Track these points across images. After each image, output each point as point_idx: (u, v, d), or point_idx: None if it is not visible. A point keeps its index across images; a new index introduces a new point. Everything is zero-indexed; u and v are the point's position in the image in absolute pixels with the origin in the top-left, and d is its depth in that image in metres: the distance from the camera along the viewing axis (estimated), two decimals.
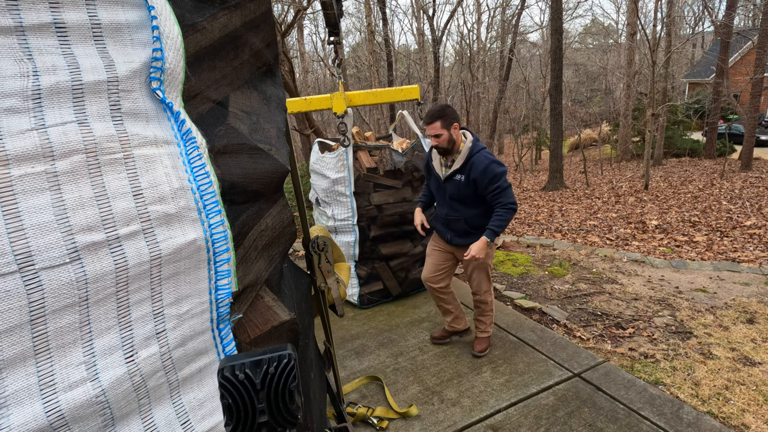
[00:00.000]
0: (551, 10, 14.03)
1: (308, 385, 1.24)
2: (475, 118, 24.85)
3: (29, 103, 0.65)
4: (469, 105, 20.34)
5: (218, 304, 0.88)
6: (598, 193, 12.49)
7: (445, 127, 2.45)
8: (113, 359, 0.73)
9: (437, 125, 2.44)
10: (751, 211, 7.87)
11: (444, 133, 2.45)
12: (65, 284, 0.67)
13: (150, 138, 0.78)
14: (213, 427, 0.90)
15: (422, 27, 21.82)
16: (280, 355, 0.62)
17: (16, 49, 0.66)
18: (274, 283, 1.07)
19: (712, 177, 12.37)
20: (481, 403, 2.50)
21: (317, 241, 1.49)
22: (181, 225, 0.80)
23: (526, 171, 20.91)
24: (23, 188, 0.64)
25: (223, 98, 0.94)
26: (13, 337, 0.64)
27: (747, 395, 2.47)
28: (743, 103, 16.45)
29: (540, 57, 27.55)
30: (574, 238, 7.40)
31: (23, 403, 0.65)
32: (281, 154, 1.03)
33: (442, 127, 2.44)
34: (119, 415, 0.75)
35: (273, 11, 1.09)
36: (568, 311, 3.65)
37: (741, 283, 4.06)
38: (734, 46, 20.00)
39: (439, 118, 2.44)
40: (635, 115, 18.69)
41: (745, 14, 27.79)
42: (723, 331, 3.18)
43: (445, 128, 2.45)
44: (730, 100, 14.28)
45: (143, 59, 0.78)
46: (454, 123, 2.46)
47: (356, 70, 29.01)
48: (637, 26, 16.15)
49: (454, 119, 2.47)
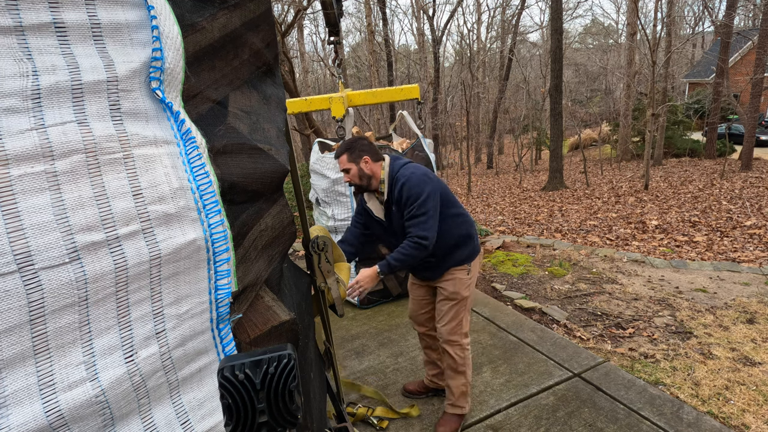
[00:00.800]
0: (551, 10, 14.04)
1: (308, 385, 1.24)
2: (475, 118, 24.85)
3: (29, 102, 0.65)
4: (469, 105, 20.35)
5: (218, 303, 0.88)
6: (598, 193, 12.49)
7: (352, 161, 2.17)
8: (113, 359, 0.73)
9: (344, 159, 2.19)
10: (751, 211, 7.86)
11: (352, 168, 2.17)
12: (65, 284, 0.67)
13: (150, 138, 0.78)
14: (213, 426, 0.90)
15: (422, 27, 21.82)
16: (280, 355, 0.62)
17: (15, 48, 0.66)
18: (274, 283, 1.07)
19: (712, 177, 12.36)
20: (481, 403, 2.50)
21: (317, 241, 1.49)
22: (181, 225, 0.80)
23: (526, 171, 20.91)
24: (23, 188, 0.64)
25: (222, 98, 0.94)
26: (13, 337, 0.64)
27: (747, 395, 2.47)
28: (743, 103, 16.45)
29: (540, 57, 27.56)
30: (574, 238, 7.40)
31: (23, 403, 0.65)
32: (281, 154, 1.03)
33: (348, 161, 2.18)
34: (119, 415, 0.75)
35: (273, 11, 1.09)
36: (568, 311, 3.65)
37: (741, 283, 4.06)
38: (734, 46, 20.00)
39: (345, 152, 2.18)
40: (635, 115, 18.69)
41: (745, 14, 27.78)
42: (723, 331, 3.18)
43: (352, 162, 2.17)
44: (730, 100, 14.28)
45: (143, 59, 0.77)
46: (363, 156, 2.17)
47: (356, 70, 29.02)
48: (637, 26, 16.15)
49: (363, 152, 2.18)
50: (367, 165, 2.19)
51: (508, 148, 30.56)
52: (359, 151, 2.18)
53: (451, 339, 2.25)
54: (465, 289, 2.23)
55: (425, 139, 3.88)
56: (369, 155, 2.19)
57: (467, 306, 2.26)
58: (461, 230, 2.23)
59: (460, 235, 2.21)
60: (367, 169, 2.19)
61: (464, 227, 2.24)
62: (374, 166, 2.20)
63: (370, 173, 2.19)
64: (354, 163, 2.18)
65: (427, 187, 2.09)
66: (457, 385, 2.30)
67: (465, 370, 2.28)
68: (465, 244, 2.23)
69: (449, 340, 2.25)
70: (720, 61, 14.70)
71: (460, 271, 2.22)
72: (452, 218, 2.21)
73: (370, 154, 2.19)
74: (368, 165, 2.19)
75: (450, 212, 2.20)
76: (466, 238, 2.24)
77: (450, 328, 2.24)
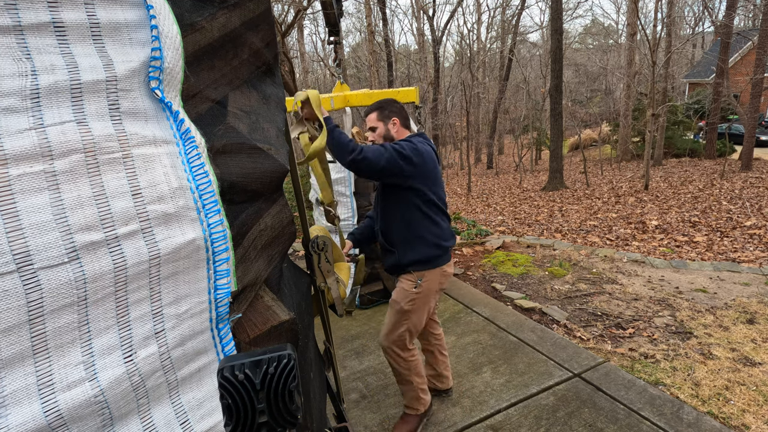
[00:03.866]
0: (551, 10, 14.04)
1: (308, 385, 1.23)
2: (475, 118, 24.85)
3: (28, 102, 0.65)
4: (469, 105, 20.34)
5: (217, 303, 0.88)
6: (598, 193, 12.48)
7: (381, 119, 2.10)
8: (112, 359, 0.73)
9: (373, 117, 2.12)
10: (751, 211, 7.86)
11: (380, 127, 2.10)
12: (64, 284, 0.67)
13: (149, 137, 0.77)
14: (212, 426, 0.90)
15: (422, 27, 21.82)
16: (280, 355, 0.61)
17: (14, 48, 0.66)
18: (274, 282, 1.07)
19: (712, 177, 12.36)
20: (482, 404, 2.50)
21: (317, 241, 1.49)
22: (180, 224, 0.80)
23: (526, 171, 20.91)
24: (22, 188, 0.64)
25: (222, 98, 0.94)
26: (12, 337, 0.64)
27: (747, 395, 2.47)
28: (743, 103, 16.45)
29: (540, 57, 27.56)
30: (574, 238, 7.40)
31: (21, 403, 0.65)
32: (281, 153, 1.03)
33: (378, 119, 2.10)
34: (118, 415, 0.75)
35: (273, 11, 1.09)
36: (568, 311, 3.65)
37: (741, 283, 4.05)
38: (734, 46, 19.99)
39: (376, 110, 2.11)
40: (635, 115, 18.69)
41: (745, 14, 27.78)
42: (723, 332, 3.17)
43: (380, 121, 2.10)
44: (730, 100, 14.27)
45: (142, 58, 0.77)
46: (393, 118, 2.12)
47: (356, 70, 29.02)
48: (637, 26, 16.15)
49: (393, 113, 2.13)
50: (395, 127, 2.13)
51: (508, 148, 30.56)
52: (389, 112, 2.13)
53: (385, 345, 2.17)
54: (407, 303, 2.08)
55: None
56: (399, 118, 2.13)
57: (410, 321, 2.12)
58: (430, 235, 2.07)
59: (425, 239, 2.06)
60: (394, 131, 2.13)
61: (435, 236, 2.08)
62: (401, 131, 2.14)
63: (395, 136, 2.12)
64: (382, 123, 2.11)
65: (414, 153, 1.94)
66: (405, 390, 2.27)
67: (410, 378, 2.21)
68: (425, 247, 2.06)
69: (384, 346, 2.18)
70: (720, 61, 14.70)
71: (406, 281, 2.10)
72: (428, 219, 2.07)
73: (400, 118, 2.14)
74: (396, 128, 2.13)
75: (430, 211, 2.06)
76: (432, 246, 2.08)
77: (385, 333, 2.16)
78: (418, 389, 2.25)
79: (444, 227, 2.13)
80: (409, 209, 2.04)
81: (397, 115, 2.12)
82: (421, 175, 1.99)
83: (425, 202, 2.04)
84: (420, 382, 2.25)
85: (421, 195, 2.02)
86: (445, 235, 2.13)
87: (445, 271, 2.16)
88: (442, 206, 2.11)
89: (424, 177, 2.01)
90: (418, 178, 1.99)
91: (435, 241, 2.08)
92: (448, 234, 2.15)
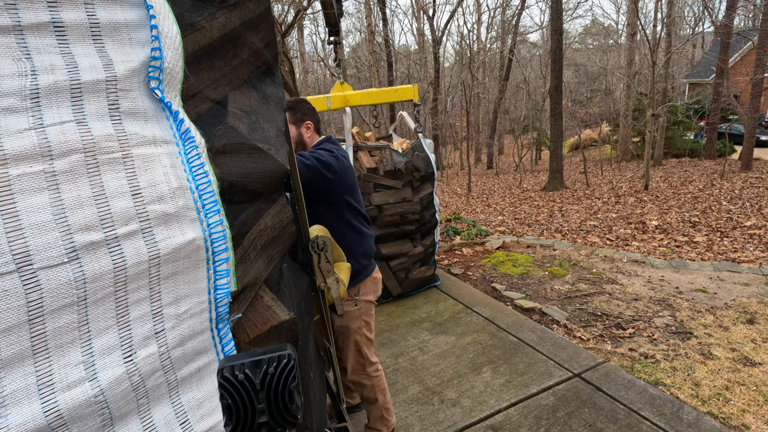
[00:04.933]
0: (551, 10, 14.03)
1: (308, 385, 1.23)
2: (475, 118, 24.85)
3: (27, 102, 0.65)
4: (469, 105, 20.34)
5: (217, 303, 0.88)
6: (598, 193, 12.48)
7: (293, 122, 1.88)
8: (112, 359, 0.73)
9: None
10: (751, 211, 7.86)
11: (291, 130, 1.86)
12: (63, 284, 0.67)
13: (149, 137, 0.77)
14: (212, 426, 0.89)
15: (422, 27, 21.82)
16: (280, 355, 0.61)
17: (14, 48, 0.66)
18: (274, 282, 1.07)
19: (712, 177, 12.36)
20: (481, 404, 2.50)
21: (317, 241, 1.49)
22: (180, 224, 0.80)
23: (526, 171, 20.91)
24: (21, 188, 0.64)
25: (222, 98, 0.94)
26: (12, 337, 0.64)
27: (747, 395, 2.47)
28: (743, 103, 16.45)
29: (540, 57, 27.56)
30: (574, 238, 7.40)
31: (21, 403, 0.65)
32: (280, 153, 1.03)
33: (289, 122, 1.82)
34: (118, 415, 0.75)
35: (272, 11, 1.09)
36: (568, 311, 3.65)
37: (741, 283, 4.05)
38: (734, 47, 20.00)
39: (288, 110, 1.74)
40: (635, 115, 18.69)
41: (745, 14, 27.78)
42: (723, 332, 3.17)
43: (292, 124, 1.87)
44: (730, 100, 14.27)
45: (142, 58, 0.77)
46: (306, 121, 1.91)
47: (356, 70, 29.03)
48: (637, 26, 16.15)
49: (307, 116, 1.92)
50: (308, 132, 1.93)
51: (508, 148, 30.56)
52: (302, 114, 1.91)
53: (354, 380, 2.05)
54: (353, 321, 1.96)
55: (425, 139, 3.88)
56: (312, 122, 1.93)
57: (363, 337, 2.00)
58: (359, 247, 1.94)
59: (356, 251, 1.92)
60: (307, 136, 1.92)
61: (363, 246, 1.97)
62: (314, 137, 1.95)
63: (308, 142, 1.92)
64: (294, 126, 1.90)
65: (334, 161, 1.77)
66: (370, 410, 2.14)
67: (374, 395, 2.09)
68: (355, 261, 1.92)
69: (353, 381, 2.05)
70: (720, 61, 14.70)
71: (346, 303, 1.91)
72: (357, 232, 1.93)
73: (313, 121, 1.94)
74: (309, 132, 1.93)
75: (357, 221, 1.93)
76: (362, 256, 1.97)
77: (350, 370, 2.02)
78: (382, 408, 2.12)
79: (369, 235, 2.01)
80: (339, 224, 1.87)
81: (311, 118, 1.93)
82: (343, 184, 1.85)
83: (352, 213, 1.91)
84: (384, 401, 2.13)
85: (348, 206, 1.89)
86: (371, 243, 2.03)
87: (375, 278, 2.04)
88: (365, 213, 2.00)
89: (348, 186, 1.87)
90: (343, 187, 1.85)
91: (364, 251, 1.97)
92: (372, 240, 2.04)
